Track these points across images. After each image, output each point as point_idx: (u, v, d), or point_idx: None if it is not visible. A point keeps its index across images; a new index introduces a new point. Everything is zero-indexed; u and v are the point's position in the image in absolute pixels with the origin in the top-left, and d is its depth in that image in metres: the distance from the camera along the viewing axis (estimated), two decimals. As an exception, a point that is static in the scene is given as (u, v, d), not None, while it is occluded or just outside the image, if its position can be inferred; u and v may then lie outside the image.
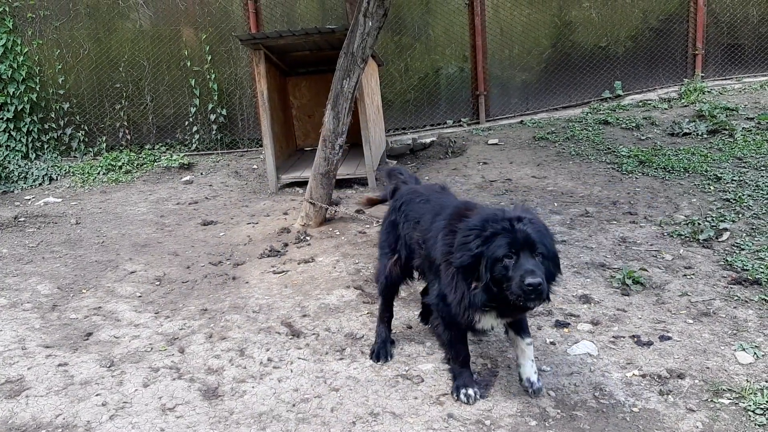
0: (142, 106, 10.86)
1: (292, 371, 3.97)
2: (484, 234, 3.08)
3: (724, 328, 4.18)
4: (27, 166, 10.26)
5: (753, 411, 3.28)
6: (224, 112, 10.73)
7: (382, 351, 4.04)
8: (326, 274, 5.48)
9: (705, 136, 8.84)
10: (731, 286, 4.76)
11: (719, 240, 5.59)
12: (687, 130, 9.03)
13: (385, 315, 4.17)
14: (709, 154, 8.00)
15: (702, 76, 11.16)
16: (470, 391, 3.49)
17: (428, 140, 9.87)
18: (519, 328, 3.50)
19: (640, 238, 5.82)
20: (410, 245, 3.86)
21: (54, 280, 5.79)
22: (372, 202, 5.29)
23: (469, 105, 11.15)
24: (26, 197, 9.29)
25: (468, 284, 3.16)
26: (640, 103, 10.78)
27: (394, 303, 4.26)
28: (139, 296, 5.34)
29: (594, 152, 8.62)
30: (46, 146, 10.65)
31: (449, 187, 4.07)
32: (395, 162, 9.40)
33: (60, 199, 8.89)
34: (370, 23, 6.25)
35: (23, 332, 4.71)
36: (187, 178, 9.34)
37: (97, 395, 3.79)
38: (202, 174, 9.54)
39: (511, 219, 3.07)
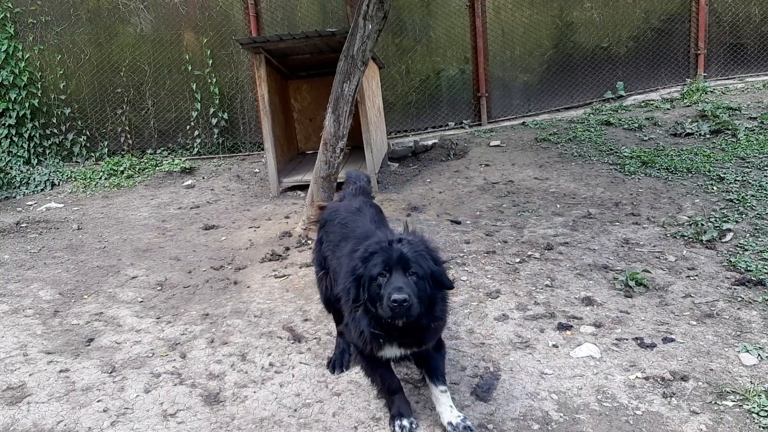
0: (143, 110, 10.86)
1: (293, 376, 3.96)
2: (364, 255, 3.10)
3: (727, 329, 4.16)
4: (29, 172, 10.27)
5: (757, 413, 3.26)
6: (225, 116, 10.73)
7: (337, 362, 4.02)
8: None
9: (708, 136, 8.81)
10: (735, 287, 4.73)
11: (723, 241, 5.56)
12: (690, 131, 9.00)
13: (340, 329, 4.11)
14: (712, 155, 7.97)
15: (704, 76, 11.12)
16: (404, 422, 3.32)
17: (430, 142, 9.86)
18: (432, 373, 3.38)
19: (643, 239, 5.80)
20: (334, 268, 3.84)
21: (56, 285, 5.78)
22: (322, 209, 5.21)
23: (471, 107, 11.13)
24: (28, 203, 9.29)
25: (357, 311, 3.18)
26: (643, 104, 10.76)
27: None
28: (141, 301, 5.33)
29: (596, 153, 8.60)
30: (48, 152, 10.66)
31: (365, 208, 3.96)
32: (397, 164, 9.40)
33: (62, 205, 8.90)
34: (370, 26, 6.24)
35: (25, 338, 4.70)
36: (189, 182, 9.34)
37: (98, 401, 3.79)
38: (203, 178, 9.54)
39: (390, 240, 3.09)
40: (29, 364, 4.30)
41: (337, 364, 4.00)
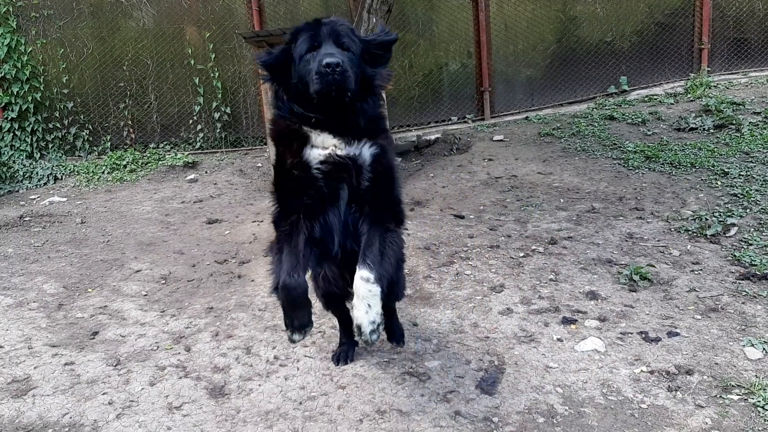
0: (146, 104, 10.85)
1: (298, 369, 3.96)
2: (291, 35, 3.01)
3: (732, 323, 4.15)
4: (32, 166, 10.27)
5: (762, 407, 3.26)
6: (228, 110, 10.72)
7: (342, 354, 4.02)
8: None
9: (712, 130, 8.79)
10: (739, 281, 4.72)
11: (727, 235, 5.56)
12: (693, 125, 8.98)
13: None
14: (715, 149, 7.96)
15: (708, 71, 11.09)
16: (296, 336, 3.08)
17: (433, 137, 9.84)
18: (364, 247, 2.95)
19: (647, 233, 5.79)
20: None
21: (60, 279, 5.79)
22: None
23: (474, 101, 11.11)
24: (31, 197, 9.30)
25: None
26: (646, 98, 10.73)
27: (402, 301, 4.22)
28: (145, 295, 5.34)
29: (600, 148, 8.58)
30: (50, 145, 10.65)
31: None
32: (400, 159, 9.38)
33: (65, 199, 8.90)
34: (374, 19, 6.24)
35: (29, 331, 4.71)
36: (192, 176, 9.34)
37: (103, 394, 3.79)
38: (206, 172, 9.53)
39: (318, 18, 2.99)
40: (34, 357, 4.30)
41: (341, 357, 4.00)
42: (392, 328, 4.02)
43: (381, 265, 2.92)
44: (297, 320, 2.97)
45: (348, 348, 4.04)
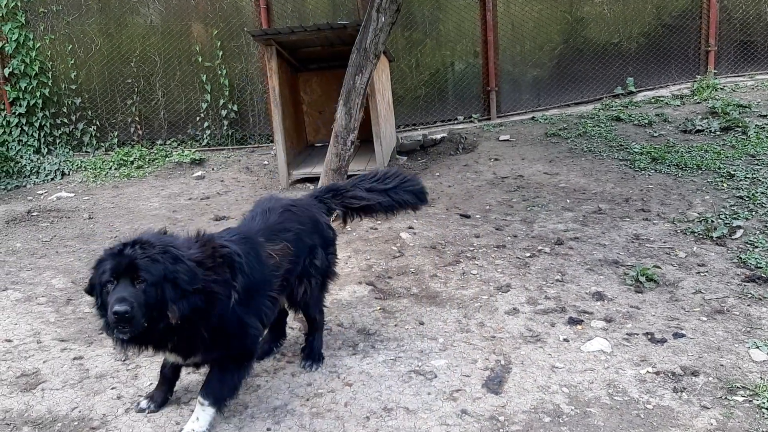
0: (153, 101, 10.88)
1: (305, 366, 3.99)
2: (96, 261, 3.07)
3: (737, 325, 4.17)
4: (39, 161, 10.31)
5: (767, 408, 3.27)
6: (235, 107, 10.74)
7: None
8: (338, 270, 5.47)
9: (718, 133, 8.80)
10: (745, 283, 4.74)
11: (733, 237, 5.57)
12: (700, 127, 8.99)
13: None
14: (722, 152, 7.96)
15: (714, 73, 11.07)
16: (143, 403, 3.56)
17: (439, 136, 9.86)
18: (207, 381, 3.36)
19: (653, 235, 5.81)
20: None
21: (68, 274, 5.82)
22: None
23: (480, 101, 11.11)
24: (39, 192, 9.34)
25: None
26: (653, 100, 10.73)
27: (408, 299, 4.25)
28: (153, 291, 5.36)
29: (606, 149, 8.59)
30: (58, 141, 10.69)
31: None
32: (405, 158, 9.40)
33: (72, 194, 8.94)
34: (383, 18, 6.25)
35: (38, 326, 4.74)
36: (199, 173, 9.37)
37: (112, 388, 3.82)
38: (213, 169, 9.56)
39: (125, 244, 3.00)
40: (43, 352, 4.34)
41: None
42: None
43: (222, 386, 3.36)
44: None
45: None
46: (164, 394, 3.59)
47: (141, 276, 2.91)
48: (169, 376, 3.59)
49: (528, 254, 5.57)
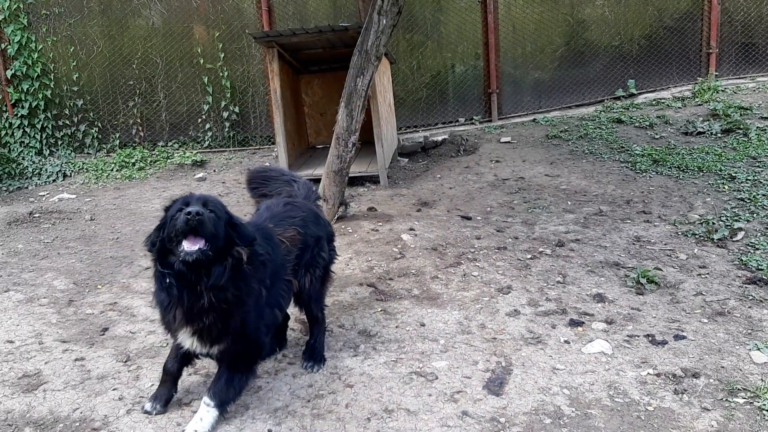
0: (155, 103, 10.90)
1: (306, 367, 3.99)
2: (167, 205, 3.31)
3: (738, 327, 4.17)
4: (41, 163, 10.34)
5: (768, 411, 3.28)
6: (237, 109, 10.76)
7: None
8: (339, 271, 5.49)
9: (719, 135, 8.80)
10: (746, 285, 4.74)
11: (734, 239, 5.57)
12: (701, 129, 8.99)
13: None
14: (723, 154, 7.96)
15: (716, 75, 11.08)
16: (147, 406, 3.56)
17: (440, 138, 9.87)
18: (215, 382, 3.42)
19: (654, 237, 5.81)
20: None
21: (70, 275, 5.83)
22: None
23: (482, 103, 11.12)
24: (40, 193, 9.36)
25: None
26: (654, 102, 10.73)
27: (409, 301, 4.25)
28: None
29: (607, 151, 8.59)
30: (59, 143, 10.71)
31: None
32: (407, 160, 9.41)
33: (74, 196, 8.95)
34: (385, 21, 6.26)
35: (40, 327, 4.75)
36: (200, 175, 9.38)
37: (113, 390, 3.83)
38: (214, 171, 9.57)
39: (191, 192, 3.34)
40: (45, 353, 4.34)
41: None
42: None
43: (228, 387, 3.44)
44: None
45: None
46: (168, 391, 3.60)
47: (210, 207, 3.19)
48: (173, 372, 3.60)
49: (529, 256, 5.57)
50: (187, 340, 3.33)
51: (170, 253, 3.17)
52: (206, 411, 3.34)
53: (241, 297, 3.27)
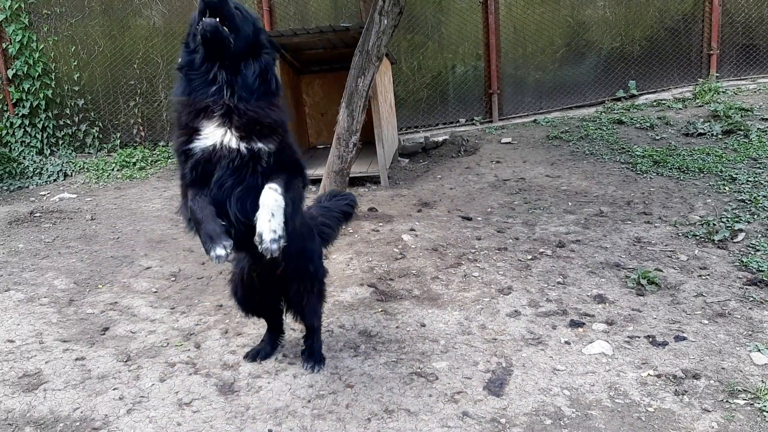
0: (156, 103, 10.91)
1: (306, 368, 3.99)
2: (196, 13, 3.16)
3: (739, 329, 4.17)
4: (42, 162, 10.34)
5: (769, 412, 3.28)
6: (237, 109, 10.74)
7: (261, 351, 4.19)
8: (340, 272, 5.49)
9: (720, 136, 8.79)
10: (747, 287, 4.74)
11: (734, 241, 5.57)
12: (702, 131, 8.99)
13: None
14: (724, 155, 7.96)
15: (717, 76, 11.08)
16: (219, 251, 2.98)
17: (441, 139, 9.87)
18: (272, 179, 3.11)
19: (654, 238, 5.81)
20: None
21: (70, 275, 5.83)
22: None
23: (482, 103, 11.13)
24: (41, 193, 9.36)
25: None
26: (655, 103, 10.73)
27: (408, 301, 4.25)
28: (155, 292, 5.38)
29: (608, 152, 8.60)
30: (60, 142, 10.72)
31: None
32: (407, 160, 9.42)
33: (75, 195, 8.96)
34: (386, 21, 6.26)
35: (40, 326, 4.75)
36: (201, 174, 9.36)
37: (114, 389, 3.83)
38: (215, 171, 9.55)
39: None
40: (45, 352, 4.34)
41: (252, 354, 4.14)
42: (312, 349, 4.06)
43: (286, 190, 3.10)
44: (211, 233, 3.02)
45: (264, 348, 4.17)
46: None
47: (235, 3, 3.18)
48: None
49: (529, 257, 5.58)
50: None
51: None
52: (274, 201, 3.01)
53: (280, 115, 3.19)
